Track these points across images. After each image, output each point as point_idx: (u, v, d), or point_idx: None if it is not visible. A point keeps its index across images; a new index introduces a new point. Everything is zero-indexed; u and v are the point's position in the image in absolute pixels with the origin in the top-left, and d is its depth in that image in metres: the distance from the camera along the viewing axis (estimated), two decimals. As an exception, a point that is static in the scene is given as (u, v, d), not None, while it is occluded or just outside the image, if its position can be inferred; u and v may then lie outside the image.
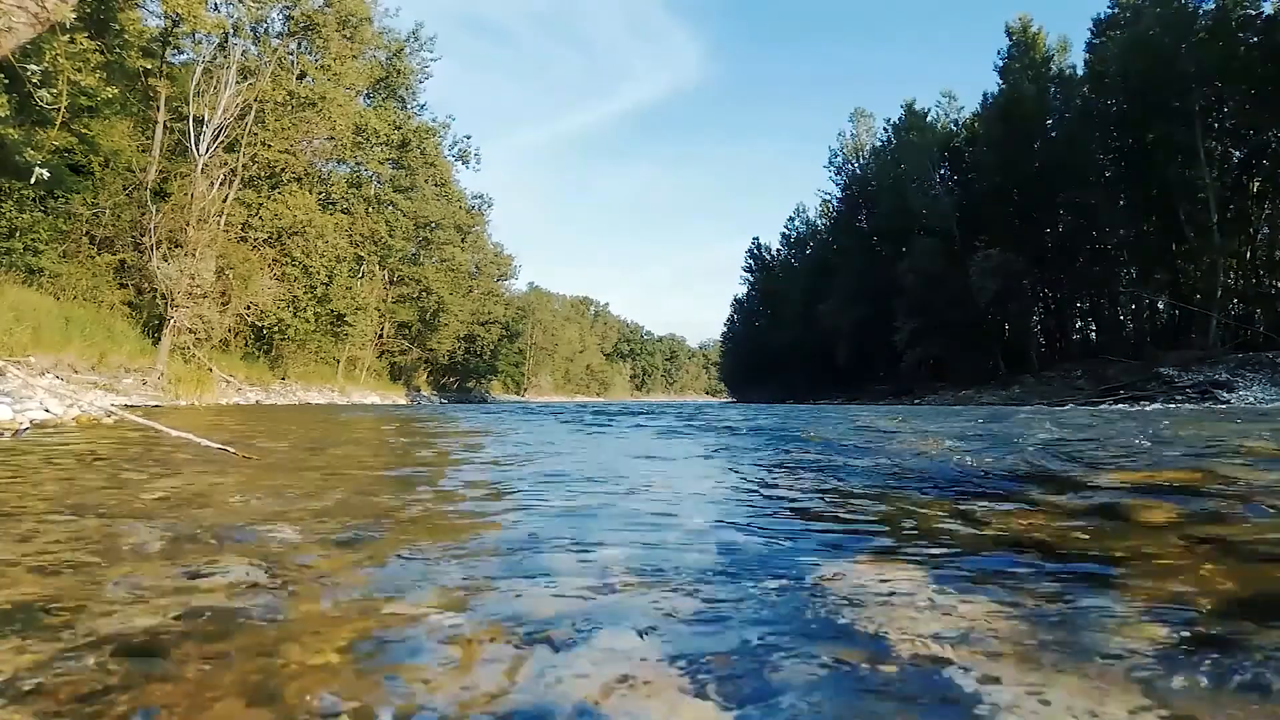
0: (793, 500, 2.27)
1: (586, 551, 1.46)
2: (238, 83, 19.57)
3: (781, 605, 1.10)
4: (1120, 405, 14.99)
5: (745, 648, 0.92)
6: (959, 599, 1.12)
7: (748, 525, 1.79)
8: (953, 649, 0.91)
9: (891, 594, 1.15)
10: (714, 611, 1.07)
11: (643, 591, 1.17)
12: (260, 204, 21.76)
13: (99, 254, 17.26)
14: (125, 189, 17.98)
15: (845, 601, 1.12)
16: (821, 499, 2.27)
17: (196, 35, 19.36)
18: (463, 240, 39.08)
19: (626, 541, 1.57)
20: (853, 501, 2.20)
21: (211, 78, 19.36)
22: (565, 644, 0.93)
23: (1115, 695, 0.78)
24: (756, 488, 2.61)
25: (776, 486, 2.64)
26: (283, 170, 22.54)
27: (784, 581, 1.23)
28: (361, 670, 0.86)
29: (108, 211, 17.28)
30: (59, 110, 10.86)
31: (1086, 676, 0.83)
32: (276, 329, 21.87)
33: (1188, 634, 0.96)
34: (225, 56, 19.82)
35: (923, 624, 1.00)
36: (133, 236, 17.91)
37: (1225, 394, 15.15)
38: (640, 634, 0.97)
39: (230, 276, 18.94)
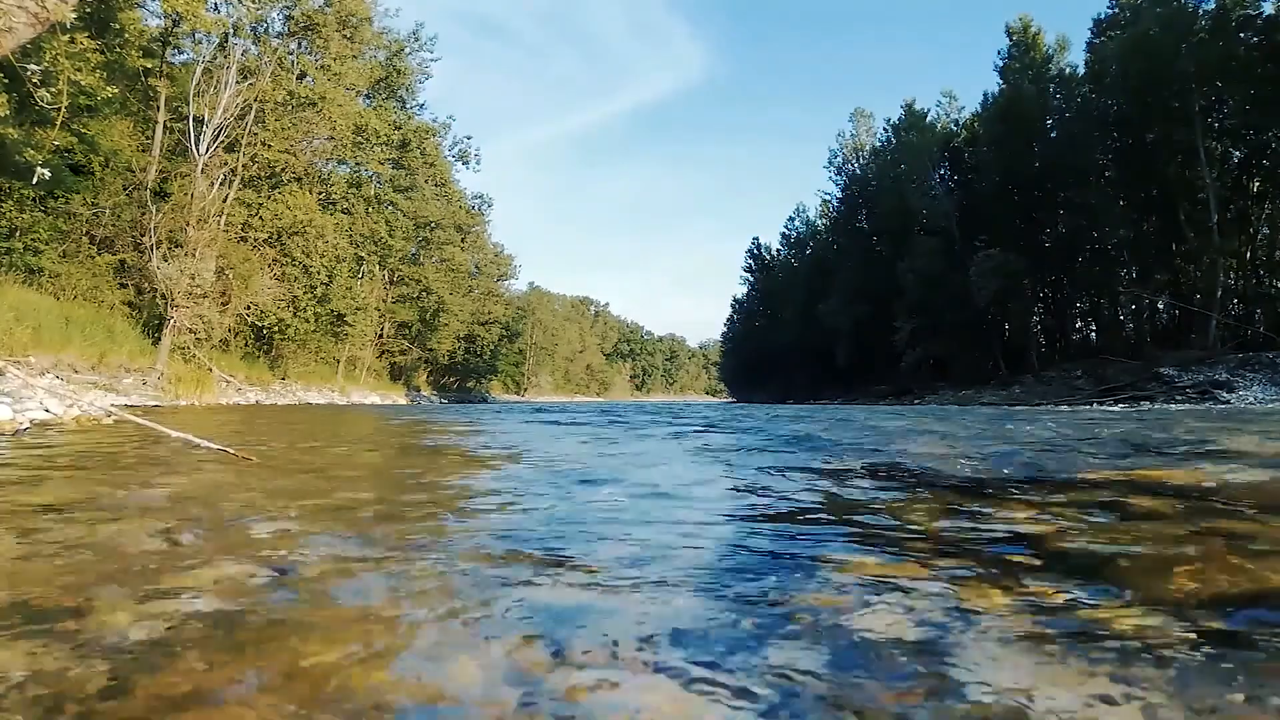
0: (794, 498, 2.27)
1: (584, 556, 1.46)
2: (238, 83, 19.53)
3: (784, 600, 1.10)
4: (1120, 405, 15.00)
5: (747, 639, 0.92)
6: (960, 596, 1.12)
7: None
8: (954, 646, 0.91)
9: (891, 591, 1.15)
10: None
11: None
12: (260, 204, 21.73)
13: (99, 254, 17.23)
14: (125, 189, 17.95)
15: (845, 597, 1.11)
16: (824, 496, 2.26)
17: (196, 35, 19.35)
18: (463, 240, 39.08)
19: (621, 539, 1.56)
20: (853, 500, 2.20)
21: (211, 78, 19.33)
22: (574, 650, 0.93)
23: (1117, 693, 0.78)
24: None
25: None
26: (283, 170, 22.52)
27: (790, 576, 1.23)
28: (363, 671, 0.85)
29: (108, 211, 17.26)
30: (59, 110, 10.85)
31: (1088, 674, 0.83)
32: (276, 329, 21.85)
33: (1190, 633, 0.96)
34: (225, 56, 19.77)
35: (924, 621, 1.00)
36: (133, 236, 17.89)
37: (1225, 394, 15.14)
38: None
39: (230, 276, 18.91)
